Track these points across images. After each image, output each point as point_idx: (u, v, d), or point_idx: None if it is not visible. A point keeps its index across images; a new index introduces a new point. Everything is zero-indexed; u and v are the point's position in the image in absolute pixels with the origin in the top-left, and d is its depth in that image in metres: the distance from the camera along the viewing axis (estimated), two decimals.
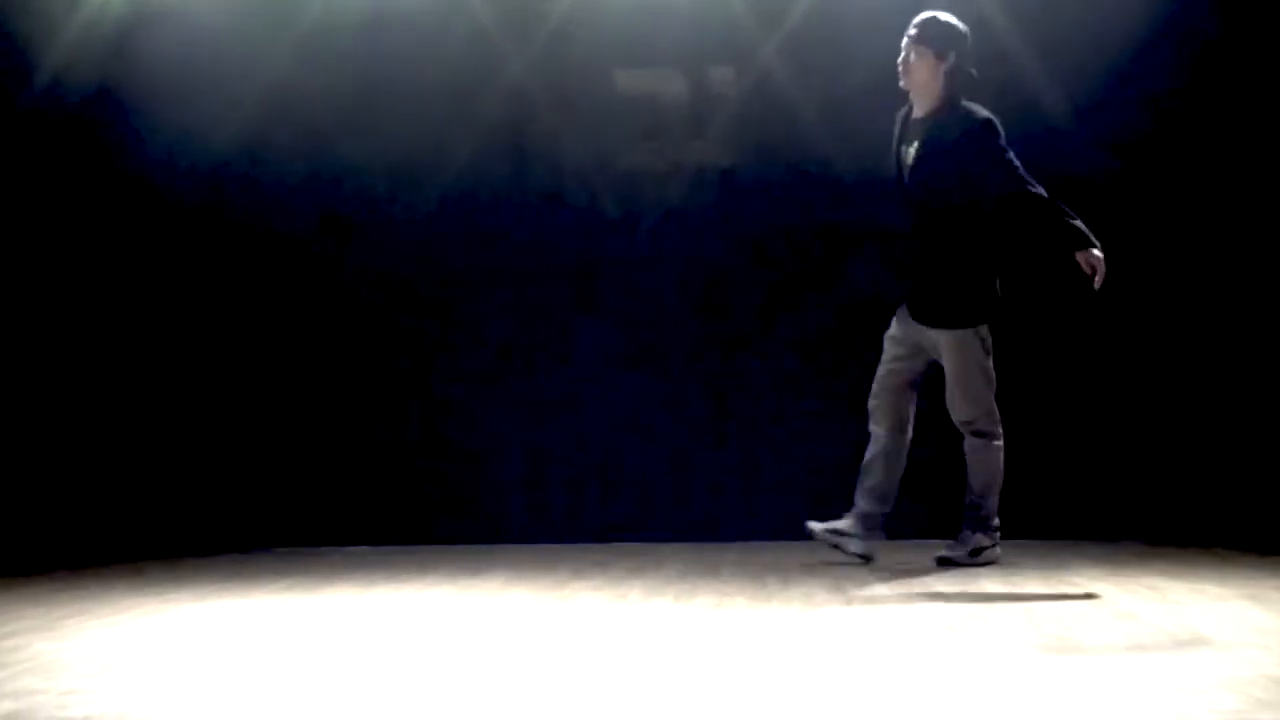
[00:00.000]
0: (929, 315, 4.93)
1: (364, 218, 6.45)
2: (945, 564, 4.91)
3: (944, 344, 4.91)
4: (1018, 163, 4.79)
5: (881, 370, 5.07)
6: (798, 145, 6.19)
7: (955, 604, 3.88)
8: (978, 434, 4.95)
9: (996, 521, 5.01)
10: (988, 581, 4.39)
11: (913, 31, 4.92)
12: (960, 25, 4.94)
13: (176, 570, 5.26)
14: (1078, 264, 4.66)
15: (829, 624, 3.52)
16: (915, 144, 4.91)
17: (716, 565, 5.01)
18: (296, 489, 6.35)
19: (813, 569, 4.85)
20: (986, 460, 4.95)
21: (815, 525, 5.05)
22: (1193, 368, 6.12)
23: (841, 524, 5.02)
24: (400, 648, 3.31)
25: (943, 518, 6.05)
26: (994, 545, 4.99)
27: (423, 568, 5.16)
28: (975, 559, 4.93)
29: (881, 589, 4.23)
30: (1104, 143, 6.17)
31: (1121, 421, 6.14)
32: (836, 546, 4.98)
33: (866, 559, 4.95)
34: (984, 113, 4.88)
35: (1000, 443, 4.97)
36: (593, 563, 5.20)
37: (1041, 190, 4.75)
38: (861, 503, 5.02)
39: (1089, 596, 4.02)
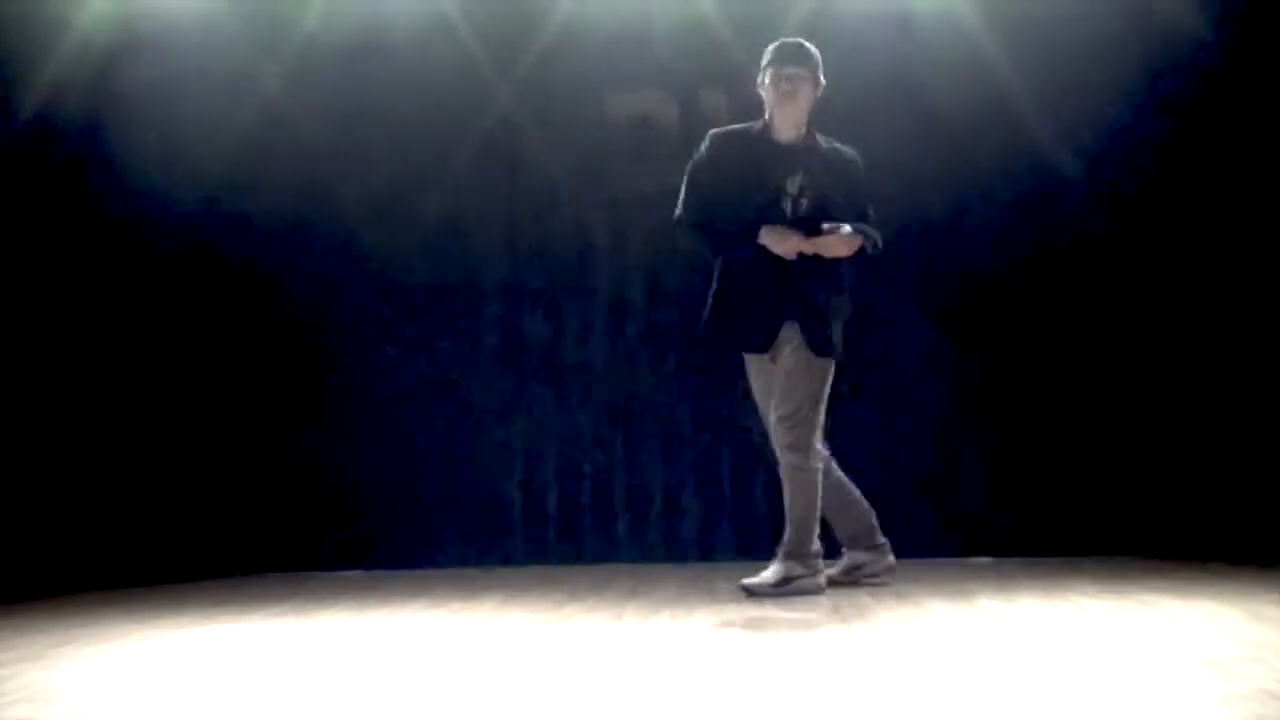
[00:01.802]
0: (814, 344, 4.65)
1: (353, 243, 6.45)
2: (749, 593, 4.57)
3: (798, 358, 4.66)
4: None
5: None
6: None
7: (951, 623, 3.87)
8: (795, 448, 4.60)
9: (816, 547, 4.68)
10: (985, 599, 4.38)
11: (804, 59, 4.72)
12: None
13: (168, 596, 5.23)
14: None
15: (826, 645, 3.51)
16: (799, 173, 4.71)
17: (712, 586, 4.99)
18: (288, 513, 6.33)
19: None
20: (804, 486, 4.63)
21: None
22: (1189, 384, 6.13)
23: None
24: (395, 672, 3.29)
25: (942, 535, 6.07)
26: (811, 575, 4.63)
27: (416, 592, 5.14)
28: (782, 589, 4.58)
29: (878, 609, 4.22)
30: (1104, 170, 6.22)
31: (1119, 438, 6.15)
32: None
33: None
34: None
35: (819, 468, 4.68)
36: (588, 585, 5.19)
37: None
38: (847, 540, 4.96)
39: (1086, 613, 4.01)
